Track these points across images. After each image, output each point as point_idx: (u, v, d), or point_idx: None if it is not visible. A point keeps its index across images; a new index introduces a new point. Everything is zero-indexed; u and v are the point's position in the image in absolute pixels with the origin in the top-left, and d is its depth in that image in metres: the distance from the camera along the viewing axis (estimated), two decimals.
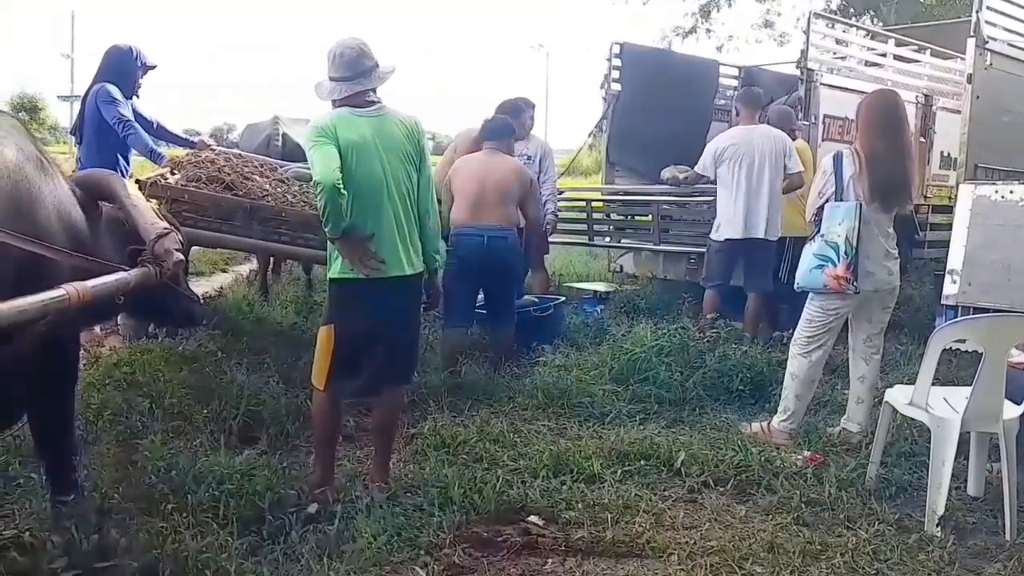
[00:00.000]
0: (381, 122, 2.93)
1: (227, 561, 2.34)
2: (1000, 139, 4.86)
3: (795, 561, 2.60)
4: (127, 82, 4.49)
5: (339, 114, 2.90)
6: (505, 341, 4.66)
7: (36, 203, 2.18)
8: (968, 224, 4.52)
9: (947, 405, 3.04)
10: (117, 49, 4.55)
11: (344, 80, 2.90)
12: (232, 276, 7.77)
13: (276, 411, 3.59)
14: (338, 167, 2.73)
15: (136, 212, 2.50)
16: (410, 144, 2.98)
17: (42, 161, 2.26)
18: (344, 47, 2.91)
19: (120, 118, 4.27)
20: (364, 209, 2.85)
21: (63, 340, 2.38)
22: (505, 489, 3.02)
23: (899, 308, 5.68)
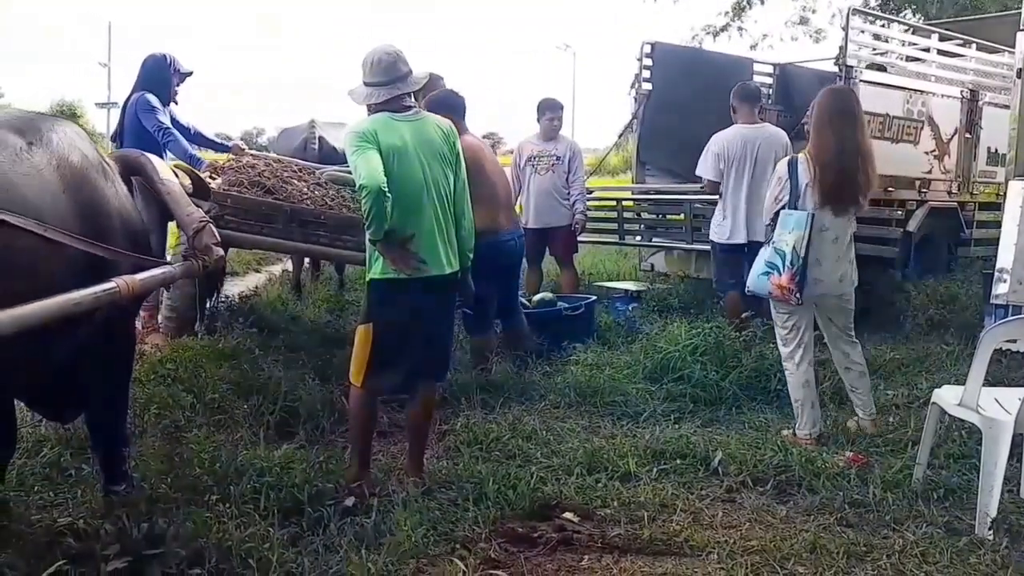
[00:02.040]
0: (420, 126, 3.01)
1: (269, 551, 2.40)
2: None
3: (839, 562, 2.58)
4: (164, 90, 4.64)
5: (378, 118, 2.98)
6: (525, 333, 4.71)
7: (99, 207, 2.30)
8: (1019, 221, 4.42)
9: (999, 406, 2.98)
10: (153, 58, 4.69)
11: (381, 85, 2.98)
12: (265, 276, 7.91)
13: (312, 407, 3.67)
14: (382, 171, 2.79)
15: (171, 200, 2.59)
16: (446, 147, 3.07)
17: (104, 167, 2.36)
18: (381, 53, 3.00)
19: (160, 126, 4.42)
20: (405, 211, 2.91)
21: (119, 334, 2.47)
22: (539, 486, 3.05)
23: (945, 307, 5.65)
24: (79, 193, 2.22)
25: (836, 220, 3.64)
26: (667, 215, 7.24)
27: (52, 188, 2.13)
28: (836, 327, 3.82)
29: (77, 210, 2.18)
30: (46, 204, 2.07)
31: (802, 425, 3.73)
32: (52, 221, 2.04)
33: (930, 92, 6.49)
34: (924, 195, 6.54)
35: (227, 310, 4.94)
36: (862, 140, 3.66)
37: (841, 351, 3.85)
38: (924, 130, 6.44)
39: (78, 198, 2.21)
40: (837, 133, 3.58)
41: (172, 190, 2.60)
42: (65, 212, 2.13)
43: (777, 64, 7.96)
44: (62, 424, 2.96)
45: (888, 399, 4.20)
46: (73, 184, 2.21)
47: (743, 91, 5.40)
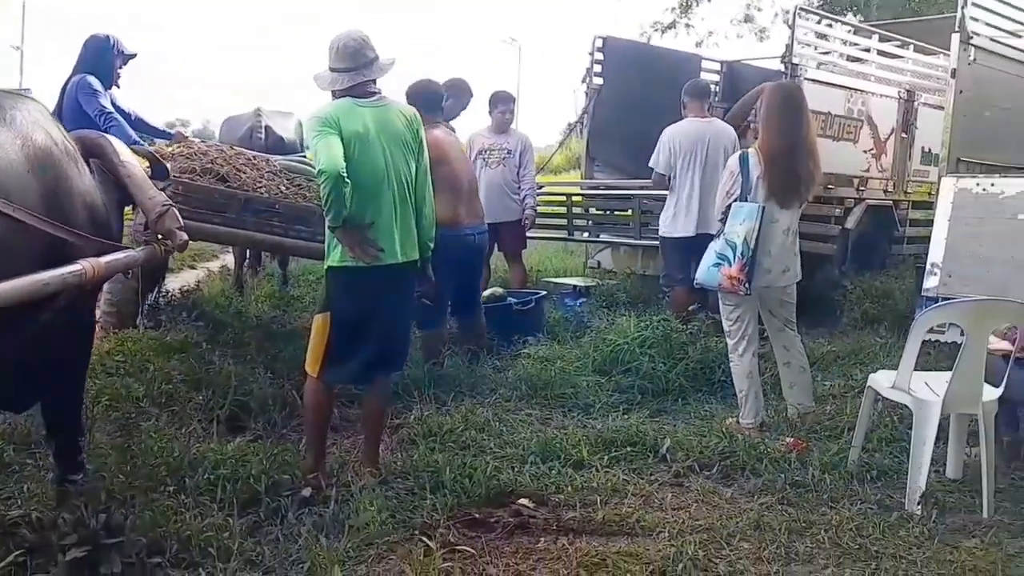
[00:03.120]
0: (383, 112, 3.09)
1: (229, 540, 2.49)
2: (983, 134, 5.13)
3: (781, 537, 2.81)
4: (105, 72, 4.57)
5: (342, 104, 3.04)
6: (482, 329, 4.83)
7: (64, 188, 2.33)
8: (949, 217, 4.77)
9: (929, 389, 3.26)
10: (95, 39, 4.62)
11: (346, 71, 3.04)
12: (202, 272, 7.84)
13: (264, 401, 3.74)
14: (342, 156, 2.87)
15: (133, 183, 2.63)
16: (409, 134, 3.15)
17: (68, 147, 2.39)
18: (347, 38, 3.06)
19: (102, 110, 4.36)
20: (365, 198, 3.00)
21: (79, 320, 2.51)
22: (495, 474, 3.19)
23: (879, 302, 6.03)
24: (44, 174, 2.24)
25: (784, 212, 3.89)
26: (616, 211, 7.46)
27: (17, 168, 2.15)
28: (778, 320, 4.08)
29: (42, 191, 2.21)
30: (12, 184, 2.10)
31: (745, 414, 3.98)
32: (17, 201, 2.07)
33: (869, 92, 6.89)
34: (862, 193, 6.94)
35: (168, 305, 4.94)
36: (808, 135, 3.92)
37: (782, 345, 4.10)
38: (863, 129, 6.83)
39: (43, 179, 2.23)
40: (785, 128, 3.82)
41: (133, 173, 2.64)
42: (30, 193, 2.15)
43: (724, 62, 8.29)
44: (16, 412, 2.96)
45: (826, 389, 4.50)
46: (38, 164, 2.23)
47: (693, 87, 5.65)
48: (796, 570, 2.63)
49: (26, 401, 2.67)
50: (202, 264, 8.54)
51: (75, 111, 4.40)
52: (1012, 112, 5.39)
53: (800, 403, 4.06)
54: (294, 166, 4.52)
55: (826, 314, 6.16)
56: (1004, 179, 4.68)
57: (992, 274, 4.48)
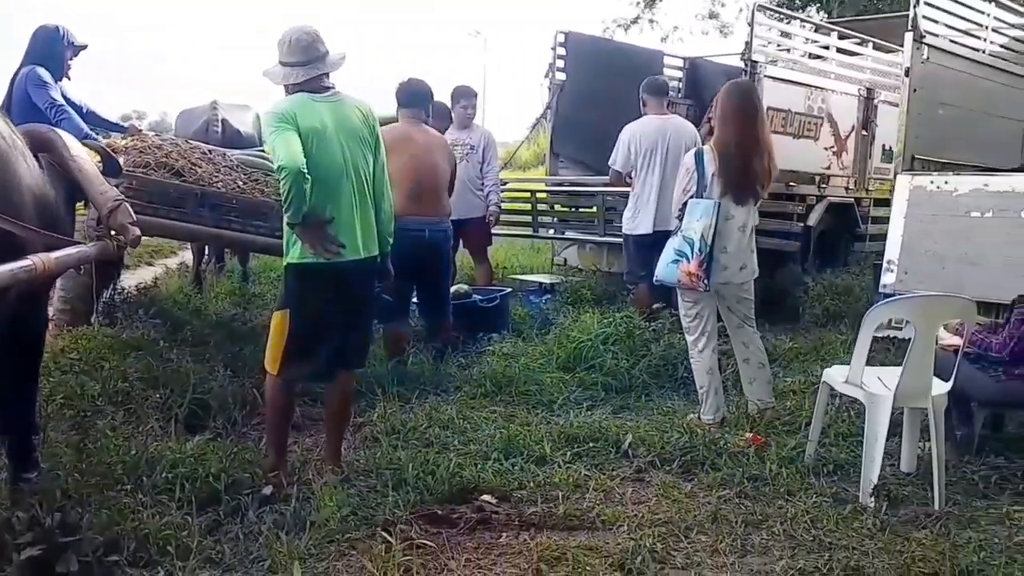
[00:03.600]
0: (339, 107, 3.11)
1: (188, 538, 2.51)
2: (937, 131, 5.30)
3: (737, 530, 2.91)
4: (55, 64, 4.51)
5: (297, 99, 3.05)
6: (447, 330, 4.87)
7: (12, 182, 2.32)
8: (905, 214, 4.93)
9: (881, 384, 3.39)
10: (44, 30, 4.55)
11: (300, 65, 3.05)
12: (160, 269, 7.76)
13: (223, 399, 3.74)
14: (301, 152, 2.88)
15: (84, 178, 2.61)
16: (366, 129, 3.18)
17: (15, 141, 2.38)
18: (299, 32, 3.07)
19: (52, 102, 4.31)
20: (324, 194, 3.01)
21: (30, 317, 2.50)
22: (458, 471, 3.24)
23: (840, 298, 6.19)
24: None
25: (740, 209, 3.99)
26: (580, 208, 7.55)
27: None
28: (737, 317, 4.18)
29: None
30: None
31: (706, 410, 4.08)
32: None
33: (829, 89, 7.06)
34: (823, 191, 7.12)
35: (124, 302, 4.90)
36: (762, 132, 4.02)
37: (741, 341, 4.20)
38: (824, 126, 7.00)
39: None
40: (739, 125, 3.92)
41: (84, 167, 2.63)
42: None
43: (687, 58, 8.43)
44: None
45: (786, 385, 4.61)
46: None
47: (652, 84, 5.73)
48: (751, 562, 2.72)
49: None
50: (160, 261, 8.44)
51: (24, 103, 4.34)
52: (966, 110, 5.58)
53: (760, 399, 4.16)
54: (251, 160, 4.51)
55: (789, 311, 6.32)
56: (958, 177, 4.84)
57: (947, 271, 4.65)
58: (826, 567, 2.65)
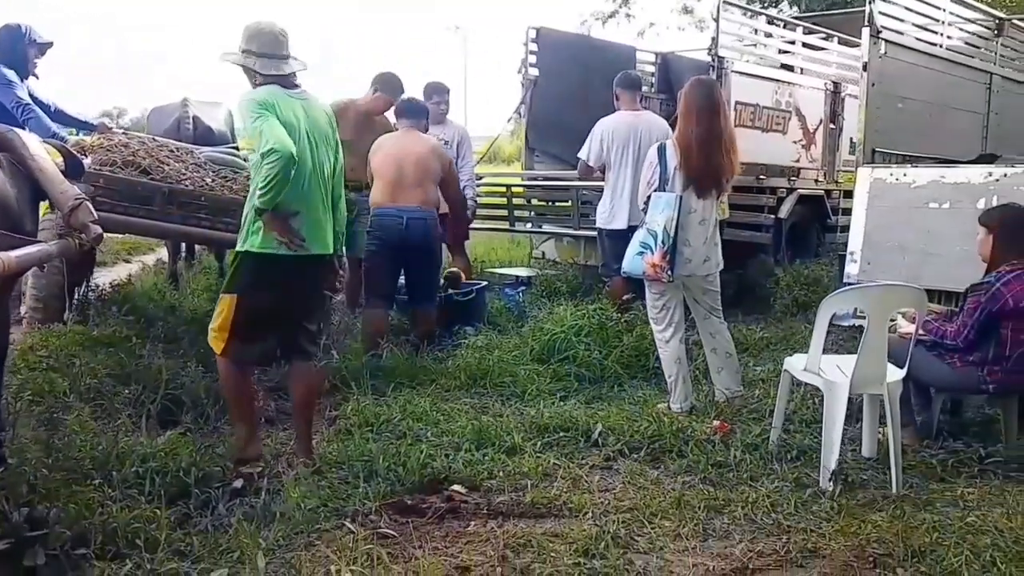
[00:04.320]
0: (308, 105, 3.15)
1: (156, 531, 2.52)
2: (896, 125, 5.37)
3: (700, 514, 2.95)
4: (20, 63, 4.46)
5: (274, 91, 3.07)
6: (427, 322, 4.89)
7: None
8: (866, 206, 5.01)
9: (839, 371, 3.45)
10: (7, 29, 4.50)
11: (274, 57, 3.08)
12: (137, 266, 7.71)
13: (196, 395, 3.74)
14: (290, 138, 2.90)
15: (44, 178, 2.61)
16: (330, 129, 3.23)
17: None
18: (271, 25, 3.11)
19: (19, 101, 4.27)
20: (295, 188, 3.03)
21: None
22: (429, 461, 3.27)
23: (808, 289, 6.27)
24: None
25: (701, 202, 4.04)
26: (556, 202, 7.58)
27: None
28: (703, 308, 4.23)
29: None
30: None
31: (675, 399, 4.13)
32: None
33: (796, 84, 7.13)
34: (793, 183, 7.19)
35: (98, 299, 4.87)
36: (724, 127, 4.07)
37: (708, 332, 4.25)
38: (792, 120, 7.08)
39: None
40: (700, 121, 3.97)
41: (45, 167, 2.62)
42: None
43: (659, 53, 8.45)
44: None
45: (756, 374, 4.68)
46: None
47: (624, 79, 5.76)
48: (712, 545, 2.77)
49: None
50: (138, 258, 8.40)
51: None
52: (925, 104, 5.66)
53: (728, 387, 4.22)
54: (220, 157, 4.50)
55: (761, 302, 6.40)
56: (916, 169, 4.92)
57: (907, 261, 4.73)
58: (784, 549, 2.71)
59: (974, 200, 4.47)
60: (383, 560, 2.41)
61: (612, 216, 5.60)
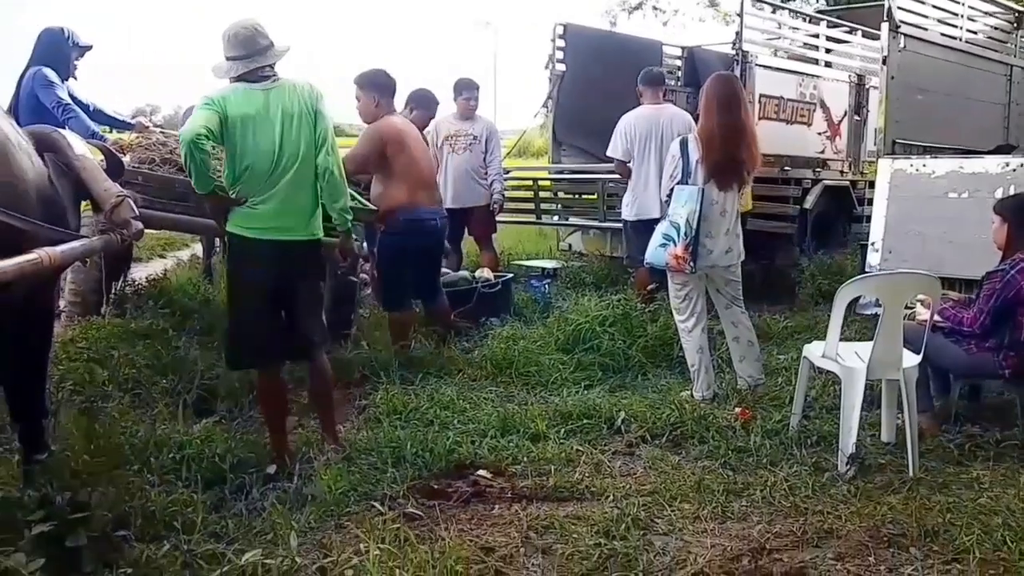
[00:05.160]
0: (277, 92, 3.13)
1: (193, 514, 2.61)
2: (916, 116, 5.35)
3: (719, 498, 2.99)
4: (62, 64, 4.58)
5: (233, 88, 3.10)
6: (446, 313, 4.96)
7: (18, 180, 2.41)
8: (887, 197, 4.98)
9: (857, 357, 3.45)
10: (49, 32, 4.61)
11: (239, 59, 3.11)
12: (172, 261, 7.90)
13: (230, 385, 3.84)
14: (204, 127, 2.92)
15: (88, 176, 2.71)
16: (307, 108, 3.17)
17: (21, 142, 2.48)
18: (238, 27, 3.13)
19: (59, 102, 4.37)
20: (258, 177, 3.08)
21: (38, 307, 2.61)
22: (455, 448, 3.34)
23: (832, 278, 6.22)
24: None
25: (723, 194, 4.05)
26: (582, 195, 7.61)
27: None
28: (725, 298, 4.24)
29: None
30: None
31: (698, 388, 4.15)
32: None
33: (821, 76, 7.07)
34: (819, 174, 7.15)
35: (134, 293, 5.01)
36: (745, 121, 4.08)
37: (730, 321, 4.25)
38: (816, 112, 7.03)
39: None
40: (721, 115, 3.98)
41: (88, 166, 2.72)
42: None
43: (685, 47, 8.42)
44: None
45: (779, 362, 4.68)
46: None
47: (646, 76, 5.80)
48: (731, 527, 2.80)
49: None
50: (172, 253, 8.59)
51: (32, 104, 4.41)
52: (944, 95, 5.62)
53: (750, 375, 4.23)
54: None
55: (786, 292, 6.37)
56: (935, 160, 4.89)
57: (928, 250, 4.69)
58: (800, 530, 2.74)
59: (992, 190, 4.46)
60: (410, 540, 2.47)
61: (636, 208, 5.63)
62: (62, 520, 2.31)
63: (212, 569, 2.30)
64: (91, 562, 2.30)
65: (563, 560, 2.55)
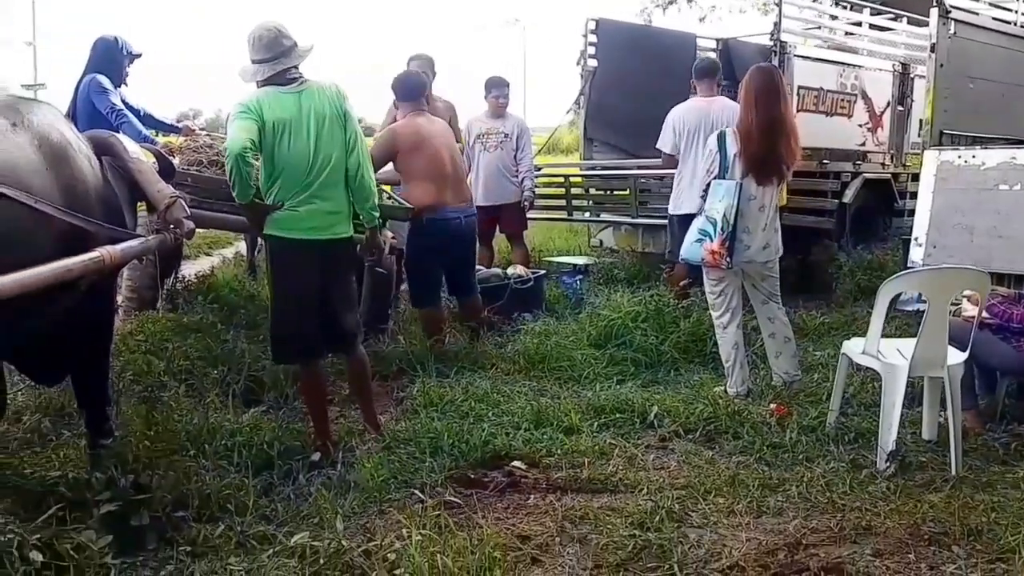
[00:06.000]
0: (306, 95, 3.25)
1: (245, 497, 2.78)
2: (966, 105, 5.23)
3: (754, 492, 3.03)
4: (115, 72, 4.80)
5: (265, 92, 3.22)
6: (478, 309, 5.06)
7: (78, 183, 2.59)
8: (933, 189, 4.91)
9: (899, 354, 3.45)
10: (104, 40, 4.84)
11: (266, 61, 3.22)
12: (217, 259, 8.15)
13: (276, 376, 4.01)
14: (247, 138, 3.06)
15: (142, 178, 2.89)
16: (336, 110, 3.28)
17: (80, 146, 2.65)
18: (262, 30, 3.24)
19: (113, 107, 4.60)
20: (293, 180, 3.21)
21: (101, 302, 2.79)
22: (490, 439, 3.44)
23: (872, 274, 6.19)
24: (60, 170, 2.51)
25: (761, 189, 4.07)
26: (613, 191, 7.64)
27: (37, 165, 2.42)
28: (762, 293, 4.27)
29: (59, 185, 2.48)
30: (33, 180, 2.37)
31: (732, 383, 4.19)
32: (39, 195, 2.34)
33: (862, 66, 7.00)
34: (858, 167, 7.06)
35: (184, 289, 5.23)
36: (785, 115, 4.09)
37: (767, 317, 4.28)
38: (857, 103, 6.94)
39: (60, 174, 2.50)
40: (761, 108, 3.99)
41: (142, 168, 2.90)
42: (50, 187, 2.42)
43: (720, 39, 8.39)
44: (49, 386, 3.27)
45: (816, 359, 4.68)
46: (54, 161, 2.50)
47: (698, 68, 5.80)
48: (766, 522, 2.85)
49: (57, 376, 2.98)
50: (217, 251, 8.87)
51: (88, 109, 4.63)
52: (993, 84, 5.50)
53: (786, 372, 4.25)
54: None
55: (823, 287, 6.35)
56: (985, 150, 4.79)
57: (975, 244, 4.62)
58: (837, 526, 2.77)
59: None
60: (450, 527, 2.58)
61: (682, 202, 5.63)
62: (126, 501, 2.51)
63: (264, 549, 2.45)
64: (154, 540, 2.50)
65: (598, 550, 2.63)
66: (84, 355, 2.88)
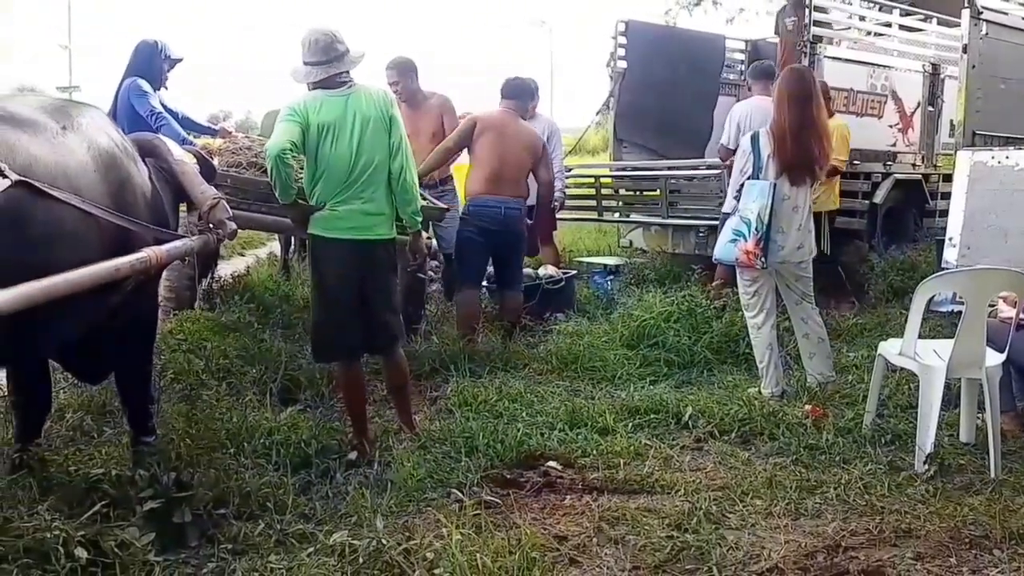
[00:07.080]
0: (354, 100, 3.26)
1: (284, 496, 2.76)
2: (998, 106, 5.15)
3: (791, 494, 2.97)
4: (154, 75, 4.85)
5: (314, 96, 3.25)
6: (515, 306, 5.04)
7: (126, 185, 2.61)
8: (966, 190, 4.81)
9: (936, 355, 3.37)
10: (144, 44, 4.89)
11: (319, 64, 3.24)
12: (251, 259, 8.20)
13: (312, 375, 4.02)
14: (288, 141, 3.09)
15: (186, 179, 2.91)
16: (381, 113, 3.29)
17: (127, 148, 2.67)
18: (318, 34, 3.26)
19: (152, 110, 4.64)
20: (336, 181, 3.23)
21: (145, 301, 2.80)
22: (525, 439, 3.40)
23: (904, 275, 6.07)
24: (108, 172, 2.53)
25: (795, 190, 4.01)
26: (643, 192, 7.59)
27: (86, 168, 2.44)
28: (796, 294, 4.20)
29: (107, 188, 2.50)
30: (82, 182, 2.39)
31: (766, 384, 4.12)
32: (87, 198, 2.35)
33: (893, 67, 6.88)
34: (889, 168, 6.94)
35: (221, 289, 5.26)
36: (817, 116, 4.02)
37: (800, 317, 4.21)
38: (888, 104, 6.84)
39: (108, 177, 2.52)
40: (794, 109, 3.94)
41: (186, 170, 2.91)
42: (98, 189, 2.44)
43: (749, 40, 8.30)
44: (93, 384, 3.29)
45: (849, 360, 4.59)
46: (103, 164, 2.52)
47: (757, 69, 5.85)
48: (804, 523, 2.78)
49: (101, 374, 2.99)
50: (252, 251, 8.94)
51: (128, 112, 4.67)
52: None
53: (820, 372, 4.18)
54: None
55: (855, 289, 6.22)
56: (1018, 151, 4.69)
57: (1009, 245, 4.52)
58: (877, 529, 2.70)
59: None
60: (488, 527, 2.55)
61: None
62: (168, 498, 2.50)
63: (303, 547, 2.43)
64: (195, 537, 2.49)
65: (636, 551, 2.58)
66: (128, 354, 2.90)
